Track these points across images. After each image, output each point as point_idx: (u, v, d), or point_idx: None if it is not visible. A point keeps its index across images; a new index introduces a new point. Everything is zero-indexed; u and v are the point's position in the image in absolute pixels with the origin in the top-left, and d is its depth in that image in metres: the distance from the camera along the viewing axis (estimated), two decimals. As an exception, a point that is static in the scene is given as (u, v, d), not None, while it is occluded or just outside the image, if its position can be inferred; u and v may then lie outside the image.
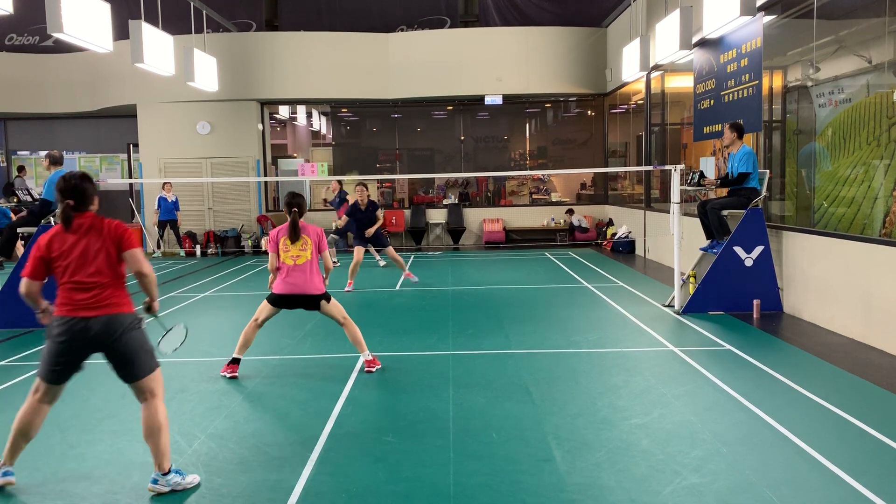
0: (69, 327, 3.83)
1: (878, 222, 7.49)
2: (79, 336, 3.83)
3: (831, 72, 8.72)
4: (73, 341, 3.84)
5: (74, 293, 3.84)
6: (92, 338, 3.84)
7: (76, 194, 3.88)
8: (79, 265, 3.84)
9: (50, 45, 18.47)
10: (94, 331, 3.83)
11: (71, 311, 3.83)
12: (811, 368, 6.10)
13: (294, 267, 5.98)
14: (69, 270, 3.85)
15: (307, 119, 22.29)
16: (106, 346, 3.89)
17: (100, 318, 3.84)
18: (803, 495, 3.70)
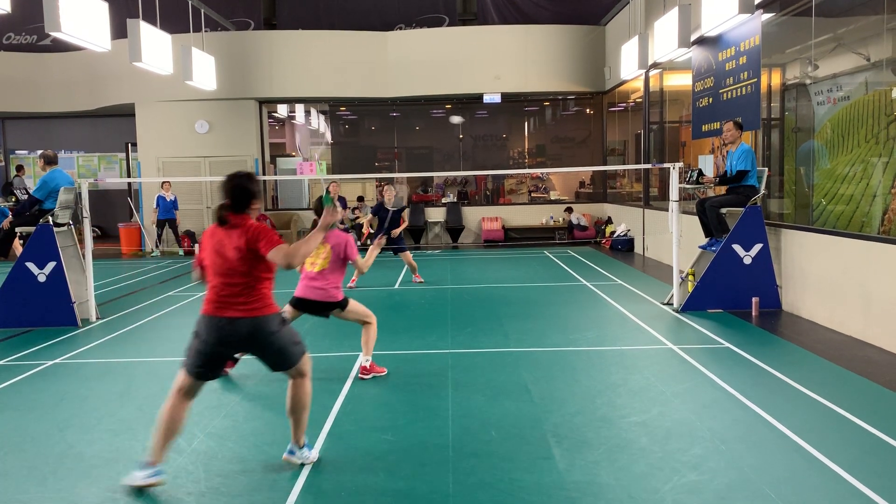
0: (214, 326, 3.91)
1: (877, 220, 7.50)
2: (224, 336, 3.90)
3: (830, 69, 8.72)
4: (218, 342, 3.92)
5: (219, 292, 3.93)
6: (238, 340, 3.92)
7: (233, 195, 3.99)
8: (220, 265, 3.94)
9: (48, 44, 18.45)
10: (240, 333, 3.89)
11: (216, 311, 3.92)
12: (810, 366, 6.11)
13: (311, 273, 5.88)
14: (213, 269, 3.94)
15: (306, 118, 22.27)
16: (253, 348, 3.99)
17: (245, 320, 3.89)
18: (802, 493, 3.71)
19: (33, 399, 5.64)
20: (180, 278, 12.51)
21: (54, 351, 7.20)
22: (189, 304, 9.91)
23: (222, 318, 3.91)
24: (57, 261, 8.32)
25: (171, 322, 8.67)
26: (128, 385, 5.96)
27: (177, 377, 4.10)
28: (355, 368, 6.24)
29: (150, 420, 5.04)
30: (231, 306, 3.91)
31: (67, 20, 8.58)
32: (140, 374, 6.33)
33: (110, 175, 20.31)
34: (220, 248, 3.95)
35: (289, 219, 17.72)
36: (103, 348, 7.34)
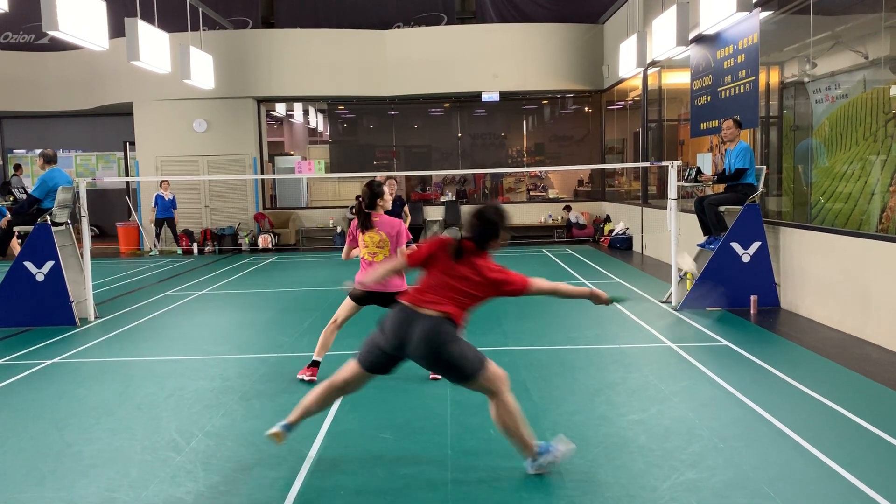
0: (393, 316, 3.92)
1: (875, 218, 7.51)
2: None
3: (828, 67, 8.72)
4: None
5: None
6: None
7: (367, 195, 4.50)
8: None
9: (46, 44, 18.42)
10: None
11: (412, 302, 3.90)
12: (808, 364, 6.11)
13: (370, 263, 5.75)
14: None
15: (304, 116, 22.26)
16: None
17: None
18: (800, 490, 3.71)
19: (31, 398, 5.64)
20: (179, 277, 12.51)
21: (52, 350, 7.20)
22: (187, 302, 9.91)
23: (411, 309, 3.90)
24: (55, 260, 8.31)
25: (170, 321, 8.67)
26: (126, 384, 5.95)
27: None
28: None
29: (149, 420, 5.05)
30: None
31: (65, 19, 8.57)
32: (138, 373, 6.33)
33: (108, 174, 20.29)
34: (451, 270, 3.89)
35: (287, 217, 17.71)
36: (101, 348, 7.34)
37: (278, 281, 11.93)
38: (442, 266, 3.90)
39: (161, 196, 16.21)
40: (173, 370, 6.37)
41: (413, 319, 3.83)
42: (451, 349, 3.85)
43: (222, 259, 15.45)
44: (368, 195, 5.75)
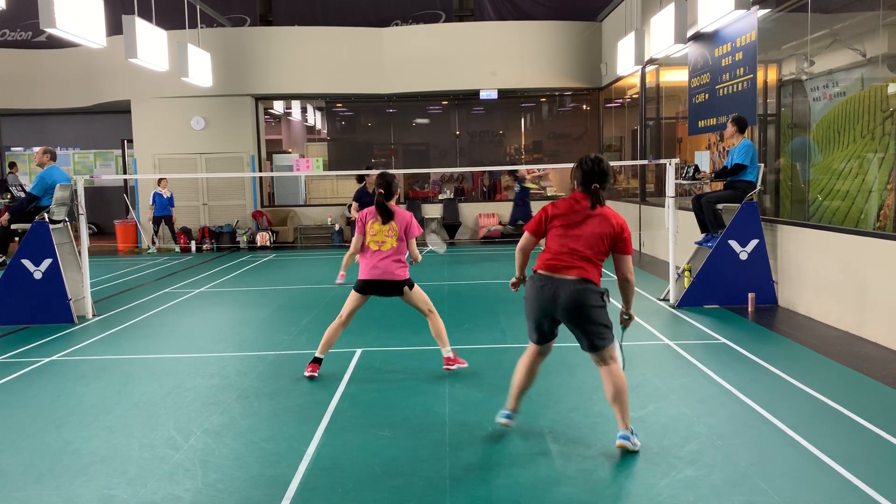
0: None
1: (873, 216, 7.52)
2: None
3: (826, 65, 8.73)
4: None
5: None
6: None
7: (385, 186, 4.84)
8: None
9: (43, 41, 18.40)
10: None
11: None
12: (806, 361, 6.12)
13: (378, 252, 5.76)
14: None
15: (302, 114, 22.24)
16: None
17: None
18: (798, 487, 3.72)
19: (29, 396, 5.63)
20: (177, 275, 12.50)
21: (50, 348, 7.19)
22: (185, 300, 9.91)
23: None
24: (53, 258, 8.31)
25: (168, 319, 8.66)
26: (124, 382, 5.95)
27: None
28: (352, 365, 6.23)
29: (147, 417, 5.05)
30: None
31: (62, 17, 8.55)
32: (137, 371, 6.33)
33: (106, 172, 20.27)
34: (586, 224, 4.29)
35: (285, 215, 17.70)
36: (99, 345, 7.33)
37: (276, 279, 11.93)
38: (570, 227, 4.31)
39: (159, 194, 16.20)
40: (171, 368, 6.37)
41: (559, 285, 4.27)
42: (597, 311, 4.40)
43: (220, 257, 15.44)
44: (386, 186, 5.75)
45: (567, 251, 4.25)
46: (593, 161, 4.31)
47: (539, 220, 4.41)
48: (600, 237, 4.25)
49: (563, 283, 4.25)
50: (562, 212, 4.31)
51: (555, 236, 4.31)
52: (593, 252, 4.27)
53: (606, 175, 4.31)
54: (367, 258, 5.82)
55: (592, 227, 4.25)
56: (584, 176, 4.30)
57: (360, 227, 5.85)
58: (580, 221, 4.27)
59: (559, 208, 4.31)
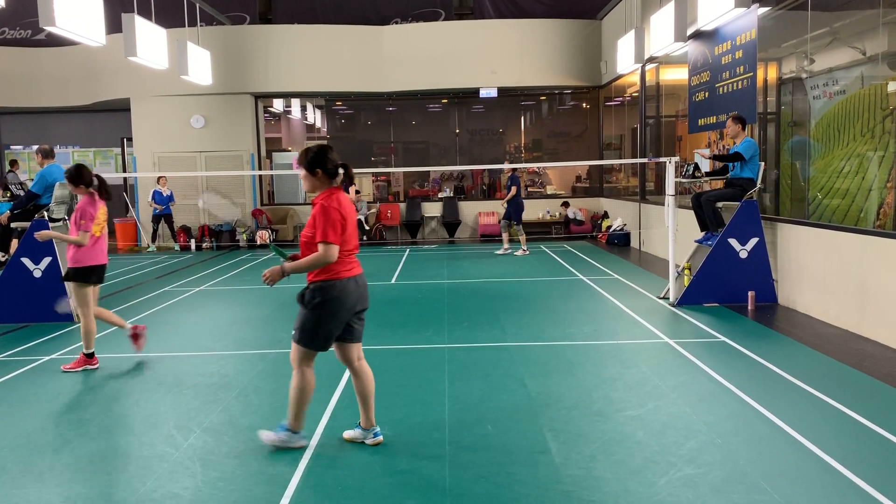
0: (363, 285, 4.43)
1: (873, 214, 7.52)
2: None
3: (826, 63, 8.72)
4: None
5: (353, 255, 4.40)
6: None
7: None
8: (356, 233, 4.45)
9: (42, 39, 18.37)
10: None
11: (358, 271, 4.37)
12: (806, 359, 6.12)
13: (99, 237, 6.55)
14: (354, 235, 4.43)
15: (302, 112, 22.22)
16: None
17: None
18: (798, 486, 3.72)
19: (29, 395, 5.64)
20: (176, 273, 12.49)
21: (50, 347, 7.19)
22: (185, 298, 9.90)
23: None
24: (52, 256, 8.31)
25: (168, 318, 8.66)
26: (124, 381, 5.95)
27: (306, 356, 4.31)
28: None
29: (147, 415, 5.05)
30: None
31: (62, 15, 8.54)
32: (136, 369, 6.33)
33: (106, 170, 20.24)
34: (353, 213, 4.32)
35: (285, 214, 17.70)
36: (99, 344, 7.32)
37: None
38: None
39: (159, 192, 16.20)
40: (171, 366, 6.37)
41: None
42: None
43: (220, 255, 15.44)
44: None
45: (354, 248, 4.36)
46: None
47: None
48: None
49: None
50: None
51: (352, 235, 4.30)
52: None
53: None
54: (92, 242, 6.38)
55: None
56: (339, 167, 4.26)
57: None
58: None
59: (347, 208, 4.25)
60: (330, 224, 4.06)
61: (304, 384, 4.30)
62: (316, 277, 4.17)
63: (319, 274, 4.16)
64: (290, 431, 4.38)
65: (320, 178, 4.22)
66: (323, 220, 4.07)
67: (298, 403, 4.33)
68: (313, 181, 4.23)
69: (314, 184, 4.25)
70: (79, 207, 6.24)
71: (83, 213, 6.19)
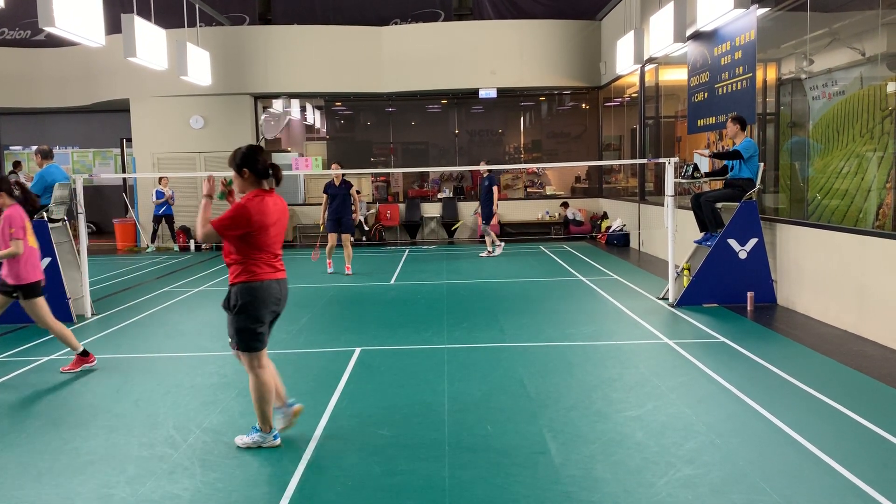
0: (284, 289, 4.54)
1: (872, 215, 7.52)
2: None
3: (825, 64, 8.73)
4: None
5: (277, 258, 4.50)
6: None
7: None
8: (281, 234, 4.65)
9: (42, 40, 18.37)
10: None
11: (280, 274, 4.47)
12: (805, 360, 6.13)
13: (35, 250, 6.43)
14: (279, 238, 4.58)
15: (301, 113, 22.21)
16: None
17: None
18: (797, 486, 3.72)
19: (28, 395, 5.63)
20: (176, 274, 12.49)
21: (49, 347, 7.19)
22: (184, 298, 9.90)
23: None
24: (52, 257, 8.30)
25: (167, 318, 8.66)
26: (123, 381, 5.95)
27: (256, 359, 4.39)
28: (351, 363, 6.23)
29: (146, 416, 5.05)
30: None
31: (61, 15, 8.54)
32: (135, 370, 6.33)
33: (105, 171, 20.25)
34: (282, 217, 4.46)
35: (284, 214, 17.66)
36: (98, 344, 7.33)
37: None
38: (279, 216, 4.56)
39: (161, 192, 16.22)
40: (170, 367, 6.37)
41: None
42: None
43: (219, 255, 15.43)
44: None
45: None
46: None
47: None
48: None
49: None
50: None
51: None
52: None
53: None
54: (31, 256, 6.20)
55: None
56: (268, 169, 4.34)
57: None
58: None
59: (271, 214, 4.33)
60: (231, 219, 4.13)
61: (259, 385, 4.36)
62: (236, 279, 4.24)
63: (240, 276, 4.23)
64: (262, 433, 4.43)
65: (248, 178, 4.30)
66: (230, 214, 4.15)
67: (261, 404, 4.38)
68: (241, 182, 4.30)
69: (242, 185, 4.31)
70: (5, 217, 6.04)
71: (11, 222, 6.01)
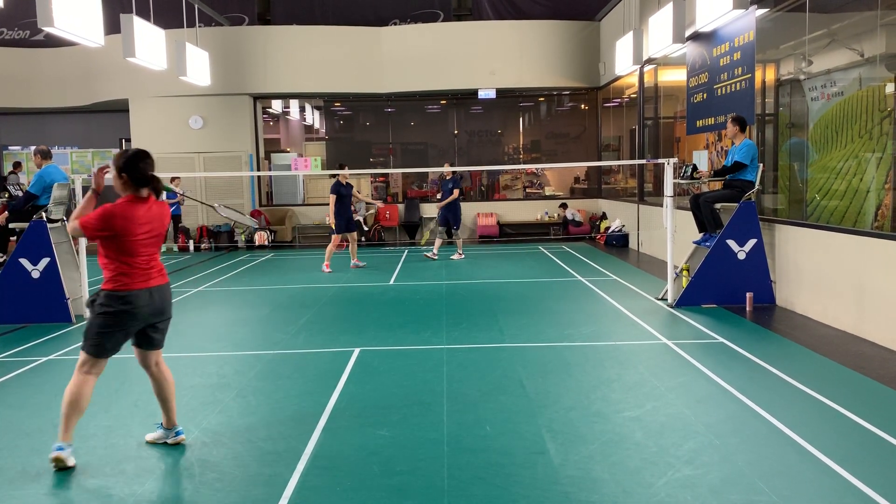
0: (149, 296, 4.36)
1: (871, 215, 7.52)
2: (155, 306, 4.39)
3: (824, 65, 8.73)
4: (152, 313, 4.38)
5: (150, 263, 4.41)
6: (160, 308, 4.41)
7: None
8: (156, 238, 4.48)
9: (41, 40, 18.35)
10: (164, 300, 4.44)
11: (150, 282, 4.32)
12: (803, 361, 6.13)
13: None
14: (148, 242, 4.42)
15: (300, 113, 22.22)
16: (161, 317, 4.45)
17: (167, 286, 4.46)
18: (796, 486, 3.72)
19: (27, 395, 5.63)
20: (175, 274, 12.48)
21: (48, 347, 7.18)
22: (184, 298, 9.90)
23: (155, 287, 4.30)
24: (51, 257, 8.29)
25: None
26: (122, 381, 5.94)
27: (88, 363, 4.26)
28: (350, 363, 6.23)
29: (145, 416, 5.04)
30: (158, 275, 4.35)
31: (60, 15, 8.53)
32: (134, 370, 6.29)
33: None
34: (155, 225, 4.29)
35: (283, 214, 17.69)
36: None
37: (274, 278, 11.92)
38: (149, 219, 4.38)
39: (174, 192, 16.23)
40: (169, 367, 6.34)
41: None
42: None
43: (218, 256, 15.43)
44: None
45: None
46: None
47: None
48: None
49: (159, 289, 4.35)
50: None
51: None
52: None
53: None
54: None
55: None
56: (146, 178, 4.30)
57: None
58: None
59: (138, 223, 4.23)
60: (95, 219, 4.11)
61: (75, 391, 4.17)
62: (106, 285, 4.19)
63: (108, 282, 4.18)
64: (61, 443, 4.13)
65: (125, 182, 4.22)
66: (96, 214, 4.11)
67: (68, 410, 4.16)
68: (119, 184, 4.23)
69: (120, 187, 4.25)
70: None
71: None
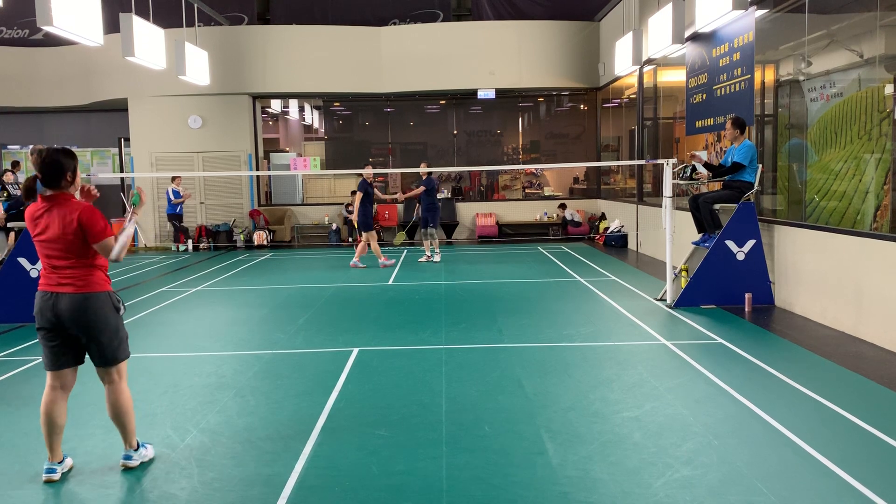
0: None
1: (870, 216, 7.53)
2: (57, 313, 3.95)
3: (823, 66, 8.73)
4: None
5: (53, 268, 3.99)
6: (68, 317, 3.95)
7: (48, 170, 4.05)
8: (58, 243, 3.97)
9: (40, 39, 18.34)
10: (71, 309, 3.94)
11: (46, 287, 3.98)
12: (802, 362, 6.13)
13: None
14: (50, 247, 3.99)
15: (299, 113, 22.22)
16: (80, 327, 3.98)
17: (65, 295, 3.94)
18: (794, 487, 3.72)
19: (26, 395, 5.62)
20: (174, 274, 12.48)
21: (47, 347, 7.17)
22: (182, 298, 9.89)
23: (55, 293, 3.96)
24: (49, 256, 8.28)
25: (165, 318, 8.65)
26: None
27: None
28: (349, 363, 6.22)
29: (143, 416, 5.04)
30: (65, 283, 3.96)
31: (59, 14, 8.53)
32: (133, 370, 6.30)
33: (103, 170, 20.22)
34: (55, 229, 3.95)
35: (282, 214, 17.69)
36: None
37: (273, 278, 11.92)
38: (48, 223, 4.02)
39: (177, 191, 16.24)
40: (168, 367, 6.36)
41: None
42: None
43: (217, 256, 15.43)
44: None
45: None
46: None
47: None
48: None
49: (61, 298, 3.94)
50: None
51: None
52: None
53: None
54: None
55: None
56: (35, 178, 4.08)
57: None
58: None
59: (36, 221, 4.01)
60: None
61: (43, 408, 4.02)
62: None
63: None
64: (47, 461, 4.04)
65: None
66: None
67: (44, 429, 4.02)
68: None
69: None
70: None
71: None
